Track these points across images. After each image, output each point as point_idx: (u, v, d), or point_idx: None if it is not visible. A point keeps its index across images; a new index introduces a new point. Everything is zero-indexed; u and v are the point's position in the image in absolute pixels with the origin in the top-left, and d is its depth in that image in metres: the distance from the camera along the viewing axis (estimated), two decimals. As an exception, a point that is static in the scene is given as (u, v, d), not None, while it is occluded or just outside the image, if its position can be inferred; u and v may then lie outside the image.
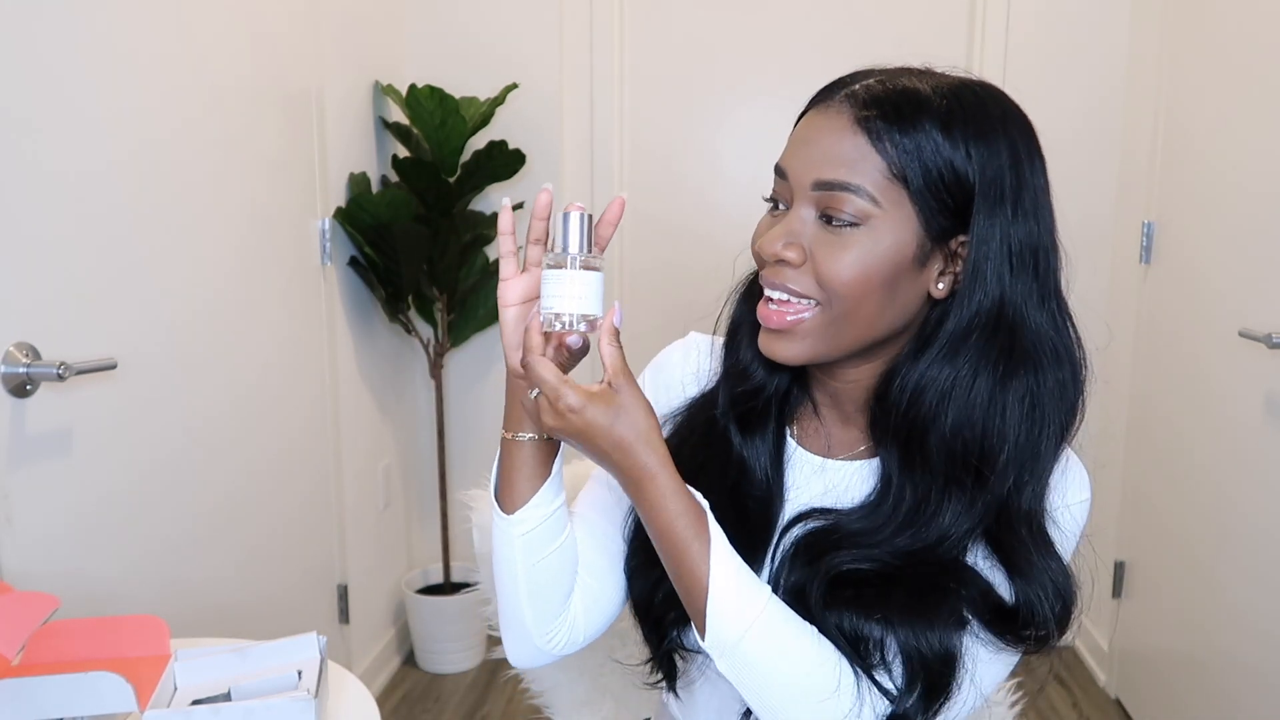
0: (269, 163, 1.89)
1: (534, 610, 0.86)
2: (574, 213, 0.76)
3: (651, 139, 2.54)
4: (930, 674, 0.75)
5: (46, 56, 1.27)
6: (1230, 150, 1.86)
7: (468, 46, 2.48)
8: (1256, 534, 1.71)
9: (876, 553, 0.78)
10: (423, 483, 2.67)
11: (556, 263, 0.75)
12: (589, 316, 0.75)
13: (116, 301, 1.42)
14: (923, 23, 2.44)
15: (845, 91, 0.77)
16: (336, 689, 0.99)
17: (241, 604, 1.77)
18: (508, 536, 0.84)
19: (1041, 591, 0.76)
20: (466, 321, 2.47)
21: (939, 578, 0.77)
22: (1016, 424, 0.77)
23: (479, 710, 2.33)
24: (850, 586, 0.77)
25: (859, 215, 0.74)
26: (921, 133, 0.73)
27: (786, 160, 0.79)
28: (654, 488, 0.75)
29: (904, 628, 0.74)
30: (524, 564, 0.84)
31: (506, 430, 0.84)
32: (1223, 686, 1.83)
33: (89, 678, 0.86)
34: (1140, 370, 2.25)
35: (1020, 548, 0.77)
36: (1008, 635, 0.77)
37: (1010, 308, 0.77)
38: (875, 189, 0.74)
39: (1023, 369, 0.77)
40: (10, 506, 1.22)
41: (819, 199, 0.76)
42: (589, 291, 0.75)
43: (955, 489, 0.77)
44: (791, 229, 0.77)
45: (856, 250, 0.75)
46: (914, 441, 0.78)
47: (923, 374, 0.77)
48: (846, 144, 0.75)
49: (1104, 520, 2.44)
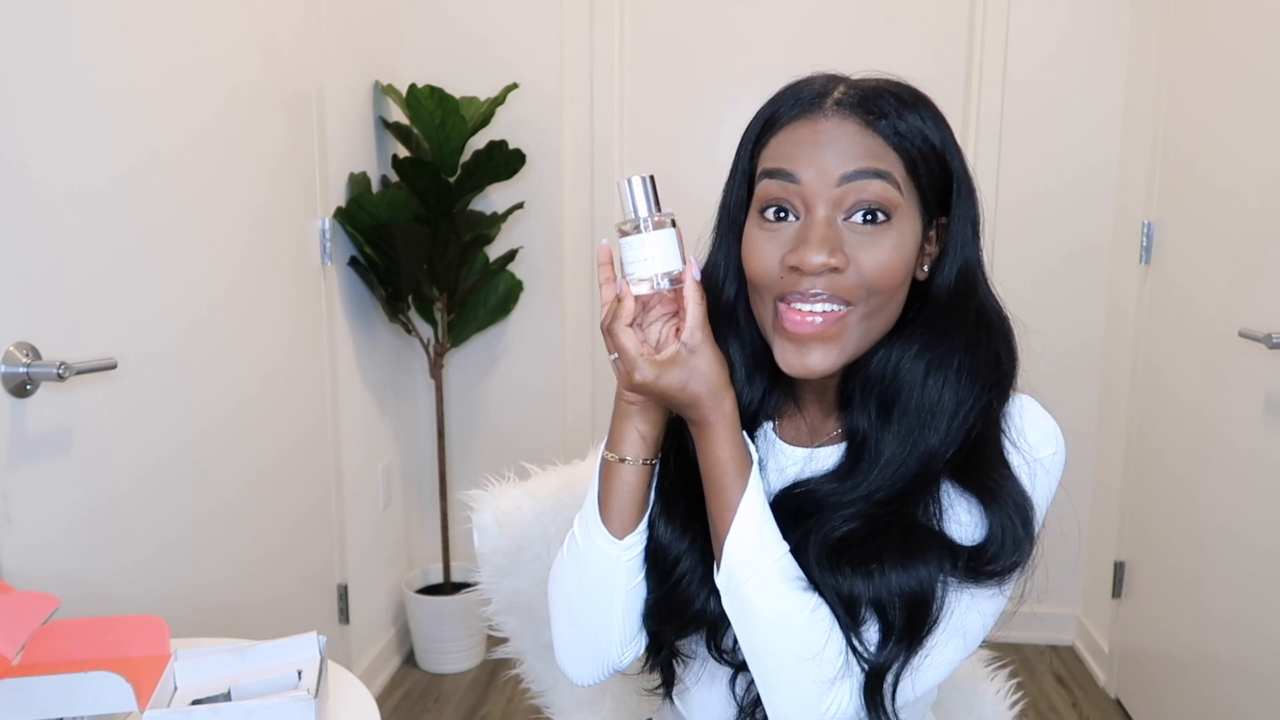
0: (269, 163, 1.89)
1: (624, 629, 0.88)
2: (635, 178, 0.79)
3: (651, 139, 2.54)
4: (911, 611, 0.77)
5: (47, 57, 1.27)
6: (1230, 151, 1.86)
7: (468, 46, 2.48)
8: (1257, 534, 1.70)
9: (861, 507, 0.80)
10: (423, 483, 2.67)
11: (630, 228, 0.79)
12: (670, 272, 0.79)
13: (117, 301, 1.42)
14: (923, 24, 2.44)
15: (831, 101, 0.79)
16: (336, 689, 0.99)
17: (241, 604, 1.77)
18: (612, 560, 0.86)
19: (1007, 515, 0.79)
20: (466, 321, 2.47)
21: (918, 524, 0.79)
22: (983, 377, 0.81)
23: (479, 710, 2.33)
24: (845, 548, 0.79)
25: (891, 205, 0.76)
26: (913, 123, 0.78)
27: (795, 163, 0.77)
28: (713, 435, 0.80)
29: (895, 571, 0.77)
30: (625, 586, 0.86)
31: (610, 451, 0.86)
32: (1223, 686, 1.83)
33: (89, 678, 0.86)
34: (1140, 370, 2.25)
35: (986, 467, 0.80)
36: (982, 573, 0.78)
37: (971, 278, 0.83)
38: (899, 179, 0.77)
39: (983, 328, 0.82)
40: (10, 506, 1.22)
41: (846, 193, 0.76)
42: (666, 248, 0.79)
43: (931, 426, 0.80)
44: (826, 235, 0.76)
45: (889, 245, 0.77)
46: (894, 407, 0.81)
47: (905, 352, 0.81)
48: (866, 142, 0.77)
49: (1104, 520, 2.44)
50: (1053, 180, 2.45)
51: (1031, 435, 0.83)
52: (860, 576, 0.77)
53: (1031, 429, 0.83)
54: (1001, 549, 0.78)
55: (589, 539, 0.87)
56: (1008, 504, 0.79)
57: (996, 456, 0.81)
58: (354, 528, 2.26)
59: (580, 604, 0.88)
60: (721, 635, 0.86)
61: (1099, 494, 2.49)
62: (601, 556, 0.86)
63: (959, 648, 0.79)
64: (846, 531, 0.79)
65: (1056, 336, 2.49)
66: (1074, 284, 2.49)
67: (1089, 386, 2.52)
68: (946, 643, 0.78)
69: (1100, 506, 2.47)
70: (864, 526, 0.79)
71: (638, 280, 0.79)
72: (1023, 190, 2.45)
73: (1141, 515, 2.24)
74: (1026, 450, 0.82)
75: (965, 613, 0.79)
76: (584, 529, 0.88)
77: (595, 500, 0.87)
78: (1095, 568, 2.48)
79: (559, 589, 0.91)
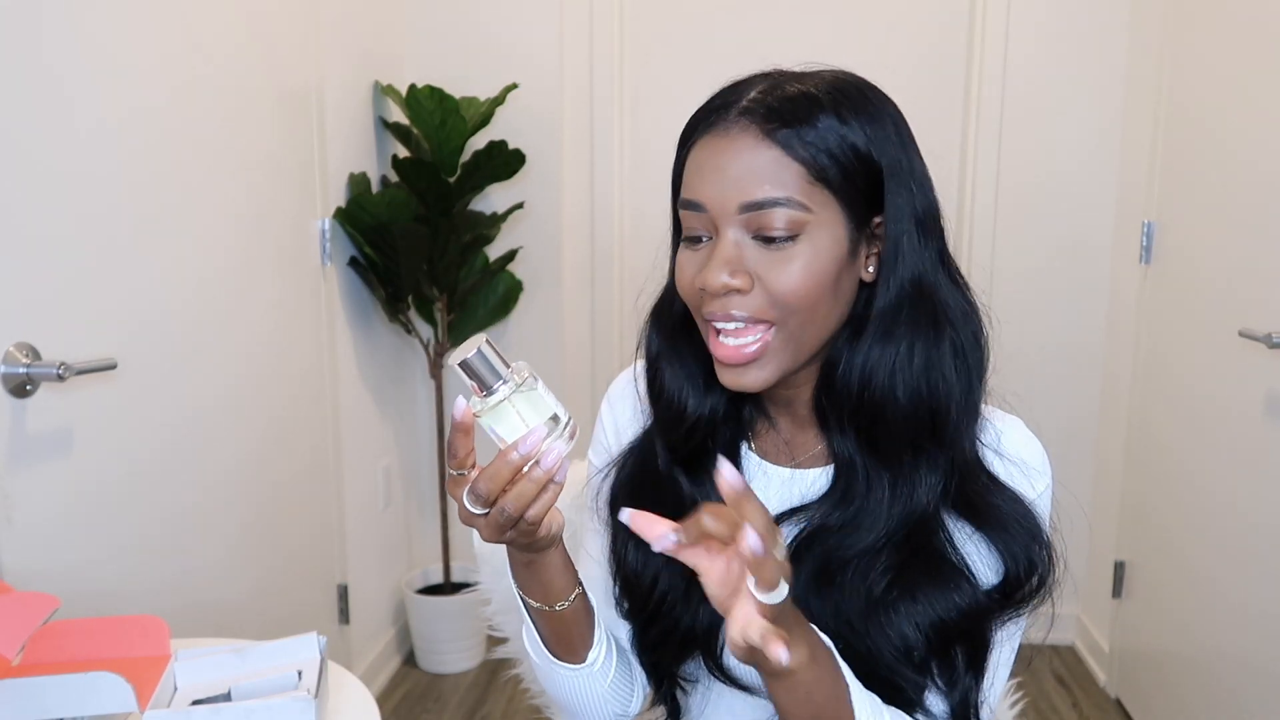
0: (269, 163, 1.89)
1: (616, 703, 0.89)
2: (476, 350, 0.68)
3: (651, 139, 2.54)
4: (966, 641, 0.77)
5: (47, 57, 1.27)
6: (1230, 150, 1.86)
7: (468, 46, 2.48)
8: (1257, 534, 1.70)
9: (887, 552, 0.78)
10: (423, 483, 2.67)
11: (518, 388, 0.68)
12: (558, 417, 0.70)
13: (116, 302, 1.42)
14: (924, 24, 2.44)
15: (737, 110, 0.76)
16: (336, 689, 0.99)
17: (241, 604, 1.77)
18: (583, 677, 0.85)
19: (1017, 540, 0.78)
20: (466, 321, 2.47)
21: (940, 554, 0.78)
22: (954, 379, 0.79)
23: (479, 710, 2.33)
24: (882, 603, 0.78)
25: (794, 226, 0.74)
26: (825, 128, 0.74)
27: (699, 192, 0.76)
28: (814, 639, 0.72)
29: (934, 605, 0.76)
30: (603, 684, 0.87)
31: (535, 600, 0.81)
32: (1223, 686, 1.83)
33: (89, 678, 0.86)
34: (1140, 370, 2.25)
35: (985, 493, 0.79)
36: (1012, 601, 0.78)
37: (925, 274, 0.79)
38: (802, 195, 0.74)
39: (946, 327, 0.79)
40: (10, 506, 1.22)
41: (748, 220, 0.74)
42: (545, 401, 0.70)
43: (920, 451, 0.78)
44: (729, 256, 0.74)
45: (800, 260, 0.74)
46: (876, 424, 0.78)
47: (866, 357, 0.78)
48: (761, 159, 0.74)
49: (1104, 520, 2.44)
50: (1052, 180, 2.45)
51: (1031, 459, 0.83)
52: (907, 623, 0.76)
53: (1026, 451, 0.83)
54: (1019, 571, 0.78)
55: (550, 665, 0.85)
56: (1015, 525, 0.79)
57: (984, 475, 0.80)
58: (354, 528, 2.26)
59: (566, 702, 0.89)
60: (720, 651, 0.84)
61: (1099, 494, 2.49)
62: (571, 675, 0.85)
63: (1010, 658, 0.82)
64: (886, 582, 0.78)
65: (1057, 336, 2.49)
66: (1074, 284, 2.49)
67: (1089, 386, 2.52)
68: (1001, 657, 0.81)
69: (1100, 506, 2.47)
70: (895, 571, 0.78)
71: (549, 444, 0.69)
72: (1022, 190, 2.45)
73: (1142, 515, 2.24)
74: (1030, 474, 0.82)
75: (1001, 644, 0.81)
76: (539, 657, 0.85)
77: (537, 639, 0.85)
78: (1095, 567, 2.48)
79: (541, 681, 0.90)
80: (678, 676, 0.89)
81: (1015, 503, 0.79)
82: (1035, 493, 0.81)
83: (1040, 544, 0.79)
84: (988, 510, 0.79)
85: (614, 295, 2.60)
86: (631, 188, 2.58)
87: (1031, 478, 0.82)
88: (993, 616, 0.78)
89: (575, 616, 0.82)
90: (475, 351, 0.68)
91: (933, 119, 2.46)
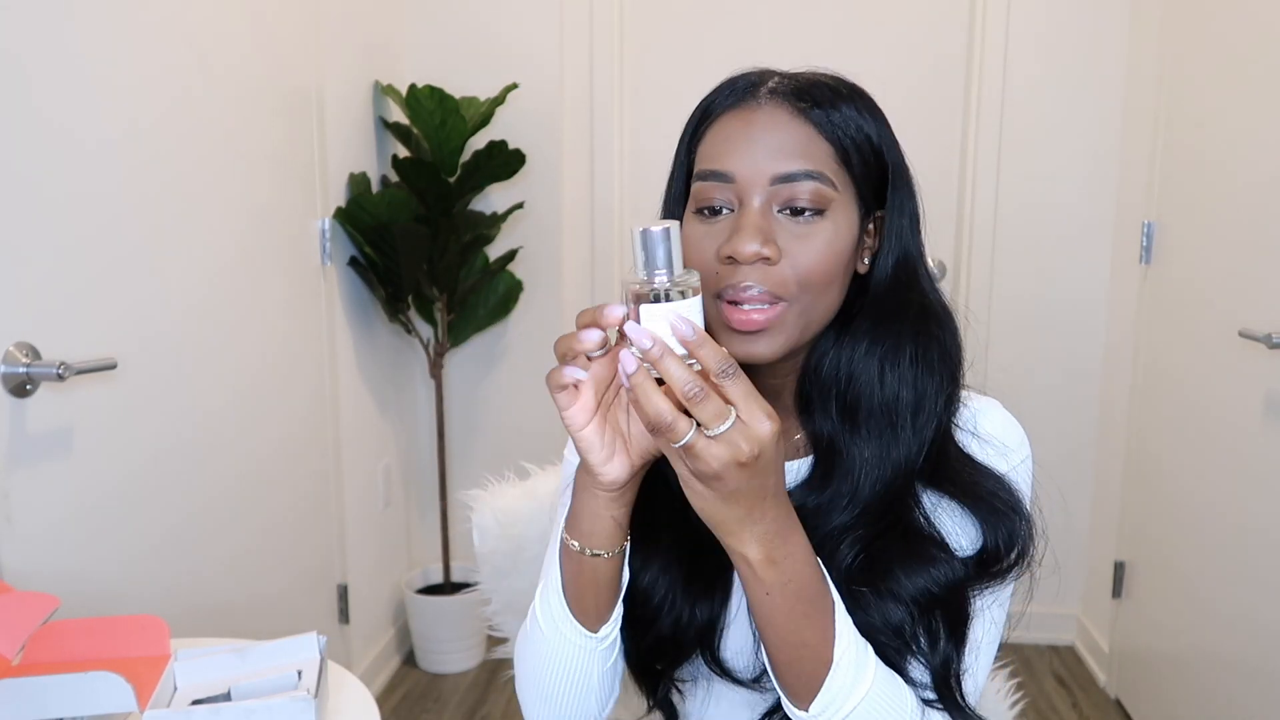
0: (269, 163, 1.89)
1: (603, 695, 0.84)
2: (663, 229, 0.65)
3: (651, 139, 2.54)
4: (947, 610, 0.77)
5: (47, 57, 1.27)
6: (1230, 150, 1.86)
7: (468, 46, 2.48)
8: (1257, 534, 1.71)
9: (859, 529, 0.78)
10: (423, 483, 2.67)
11: (681, 290, 0.66)
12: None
13: (116, 301, 1.42)
14: (924, 23, 2.44)
15: (765, 90, 0.78)
16: (336, 689, 0.99)
17: (241, 604, 1.77)
18: (588, 652, 0.81)
19: (997, 513, 0.79)
20: (466, 321, 2.47)
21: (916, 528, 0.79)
22: (936, 367, 0.80)
23: (479, 710, 2.33)
24: (860, 576, 0.78)
25: (822, 201, 0.75)
26: (849, 115, 0.77)
27: (726, 162, 0.76)
28: (801, 539, 0.71)
29: (913, 579, 0.76)
30: (602, 669, 0.82)
31: (579, 541, 0.76)
32: (1222, 686, 1.83)
33: (89, 678, 0.86)
34: (1140, 369, 2.25)
35: (963, 469, 0.80)
36: (992, 574, 0.79)
37: (913, 271, 0.82)
38: (831, 174, 0.76)
39: (929, 322, 0.81)
40: (10, 506, 1.22)
41: (779, 192, 0.75)
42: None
43: (899, 431, 0.79)
44: (761, 225, 0.74)
45: (823, 237, 0.76)
46: (858, 409, 0.79)
47: (854, 349, 0.80)
48: (796, 134, 0.76)
49: (1104, 520, 2.44)
50: (1052, 180, 2.45)
51: (1008, 438, 0.83)
52: (889, 600, 0.76)
53: (1003, 431, 0.83)
54: (1000, 547, 0.78)
55: (557, 631, 0.80)
56: (993, 499, 0.79)
57: (960, 455, 0.81)
58: (354, 527, 2.26)
59: (552, 688, 0.83)
60: (718, 645, 0.83)
61: (1099, 494, 2.49)
62: (574, 649, 0.80)
63: (995, 633, 0.82)
64: (858, 561, 0.78)
65: (1057, 336, 2.49)
66: (1074, 284, 2.49)
67: (1089, 386, 2.52)
68: (986, 634, 0.80)
69: (1100, 506, 2.47)
70: (868, 547, 0.78)
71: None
72: (1022, 190, 2.45)
73: (1141, 515, 2.24)
74: (1007, 453, 0.82)
75: (982, 619, 0.80)
76: (549, 618, 0.81)
77: (559, 589, 0.79)
78: (1095, 568, 2.48)
79: (527, 668, 0.85)
80: (674, 680, 0.88)
81: (994, 479, 0.80)
82: (1009, 465, 0.82)
83: (1020, 516, 0.79)
84: (967, 486, 0.80)
85: (614, 295, 2.60)
86: (631, 188, 2.58)
87: (1007, 455, 0.82)
88: (971, 585, 0.78)
89: (610, 574, 0.77)
90: (663, 229, 0.65)
91: (933, 119, 2.46)
